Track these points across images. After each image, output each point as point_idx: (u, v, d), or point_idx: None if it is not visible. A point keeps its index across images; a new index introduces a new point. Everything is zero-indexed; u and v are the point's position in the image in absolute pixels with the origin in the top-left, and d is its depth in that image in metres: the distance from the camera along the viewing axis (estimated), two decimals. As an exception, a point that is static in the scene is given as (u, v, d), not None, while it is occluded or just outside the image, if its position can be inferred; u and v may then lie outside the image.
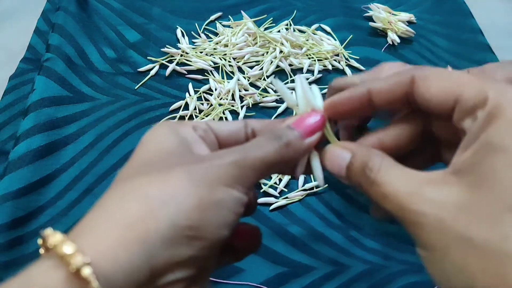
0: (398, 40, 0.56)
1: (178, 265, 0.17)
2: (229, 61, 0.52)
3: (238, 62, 0.52)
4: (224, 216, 0.18)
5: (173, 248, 0.17)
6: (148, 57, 0.53)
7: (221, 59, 0.52)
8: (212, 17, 0.58)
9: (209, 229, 0.18)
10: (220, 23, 0.57)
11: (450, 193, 0.17)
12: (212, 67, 0.52)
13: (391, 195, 0.19)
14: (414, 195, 0.18)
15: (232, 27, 0.56)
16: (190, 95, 0.49)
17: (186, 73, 0.52)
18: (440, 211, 0.17)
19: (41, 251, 0.17)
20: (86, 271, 0.15)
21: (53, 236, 0.16)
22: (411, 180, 0.19)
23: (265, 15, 0.58)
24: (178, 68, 0.52)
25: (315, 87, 0.24)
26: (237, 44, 0.53)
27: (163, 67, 0.52)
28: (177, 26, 0.56)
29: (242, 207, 0.19)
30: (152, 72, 0.51)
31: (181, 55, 0.53)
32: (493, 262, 0.16)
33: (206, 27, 0.57)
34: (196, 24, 0.57)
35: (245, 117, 0.48)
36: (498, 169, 0.16)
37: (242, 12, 0.57)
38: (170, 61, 0.52)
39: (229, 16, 0.58)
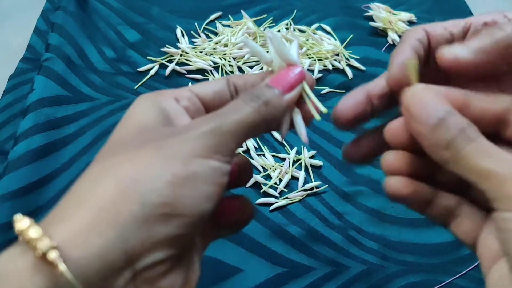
0: (398, 40, 0.56)
1: (156, 246, 0.17)
2: (229, 61, 0.52)
3: (238, 62, 0.52)
4: (202, 190, 0.17)
5: (148, 228, 0.16)
6: (148, 57, 0.52)
7: (221, 59, 0.52)
8: (212, 17, 0.58)
9: (187, 204, 0.17)
10: (220, 22, 0.57)
11: None
12: (212, 67, 0.52)
13: (492, 171, 0.17)
14: None
15: (232, 27, 0.56)
16: (189, 95, 0.49)
17: (186, 73, 0.52)
18: None
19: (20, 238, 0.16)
20: (52, 255, 0.15)
21: (20, 222, 0.16)
22: None
23: (265, 15, 0.58)
24: (178, 68, 0.52)
25: (293, 43, 0.22)
26: (237, 43, 0.53)
27: (162, 67, 0.52)
28: (177, 26, 0.56)
29: (224, 177, 0.18)
30: (152, 72, 0.51)
31: (181, 55, 0.53)
32: None
33: (206, 26, 0.57)
34: (196, 24, 0.57)
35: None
36: None
37: (242, 11, 0.57)
38: (170, 61, 0.52)
39: (229, 16, 0.58)
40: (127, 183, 0.16)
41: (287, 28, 0.56)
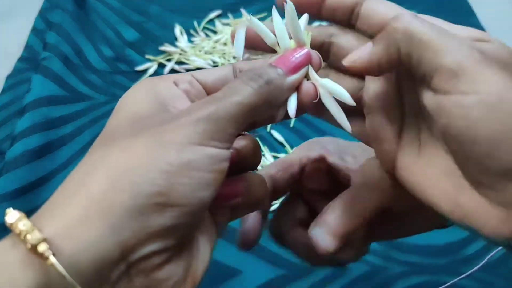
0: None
1: (151, 237, 0.16)
2: (228, 60, 0.52)
3: (237, 60, 0.52)
4: (199, 178, 0.17)
5: (142, 219, 0.16)
6: (146, 56, 0.52)
7: (220, 58, 0.52)
8: (212, 15, 0.57)
9: (183, 193, 0.16)
10: (220, 21, 0.57)
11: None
12: (211, 66, 0.51)
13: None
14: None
15: (231, 25, 0.56)
16: (188, 94, 0.49)
17: (185, 72, 0.51)
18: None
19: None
20: (42, 247, 0.15)
21: (10, 214, 0.16)
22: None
23: (265, 13, 0.58)
24: (176, 67, 0.51)
25: (301, 19, 0.22)
26: (236, 42, 0.53)
27: (161, 66, 0.52)
28: (176, 24, 0.55)
29: (223, 163, 0.18)
30: (150, 71, 0.51)
31: (180, 54, 0.52)
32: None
33: (205, 25, 0.56)
34: (195, 22, 0.56)
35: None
36: None
37: (242, 10, 0.56)
38: (169, 60, 0.52)
39: (229, 14, 0.57)
40: (118, 173, 0.16)
41: (287, 27, 0.56)
